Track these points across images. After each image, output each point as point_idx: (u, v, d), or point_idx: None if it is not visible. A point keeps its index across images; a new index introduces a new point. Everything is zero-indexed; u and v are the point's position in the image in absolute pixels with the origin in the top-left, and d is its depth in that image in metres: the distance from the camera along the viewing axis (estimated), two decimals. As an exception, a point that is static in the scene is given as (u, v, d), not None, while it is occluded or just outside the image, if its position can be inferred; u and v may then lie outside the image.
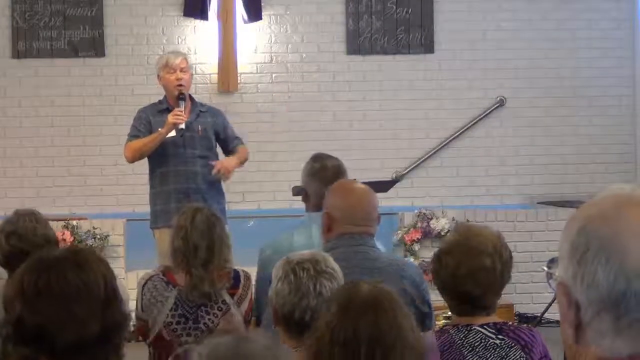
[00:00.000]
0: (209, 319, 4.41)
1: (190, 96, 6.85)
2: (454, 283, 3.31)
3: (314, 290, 3.12)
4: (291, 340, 3.11)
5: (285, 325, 3.16)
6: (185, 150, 6.67)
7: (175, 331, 4.39)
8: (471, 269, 3.28)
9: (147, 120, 6.73)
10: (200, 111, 6.81)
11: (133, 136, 6.74)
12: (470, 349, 3.27)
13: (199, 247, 4.40)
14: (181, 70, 6.68)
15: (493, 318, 3.36)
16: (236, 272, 4.54)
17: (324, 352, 2.55)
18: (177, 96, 6.64)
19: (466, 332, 3.30)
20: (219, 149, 6.93)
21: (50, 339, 2.14)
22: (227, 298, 4.46)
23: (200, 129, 6.72)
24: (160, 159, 6.68)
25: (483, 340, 3.28)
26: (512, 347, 3.28)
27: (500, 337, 3.29)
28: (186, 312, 4.41)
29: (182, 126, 6.57)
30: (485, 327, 3.30)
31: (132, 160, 6.82)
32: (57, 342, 2.13)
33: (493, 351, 3.26)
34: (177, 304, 4.40)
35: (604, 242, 1.48)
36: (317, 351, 2.59)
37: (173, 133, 6.61)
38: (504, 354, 3.27)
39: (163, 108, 6.73)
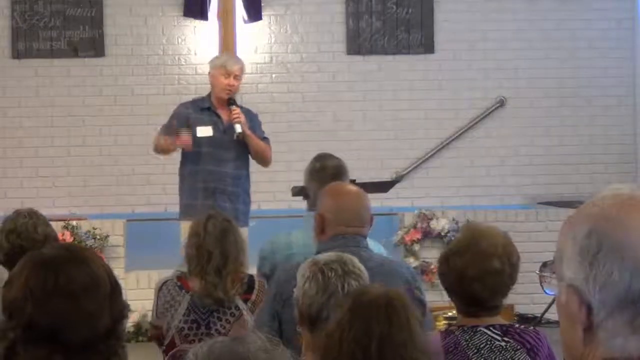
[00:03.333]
0: (221, 325, 4.40)
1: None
2: (462, 285, 3.29)
3: (342, 290, 3.10)
4: (315, 341, 3.08)
5: (311, 325, 3.13)
6: (220, 151, 6.80)
7: (187, 337, 4.38)
8: (480, 271, 3.26)
9: (185, 116, 6.87)
10: None
11: (162, 130, 6.93)
12: (475, 350, 3.25)
13: (212, 254, 4.40)
14: (235, 77, 6.89)
15: (498, 319, 3.35)
16: (250, 278, 4.52)
17: (335, 348, 2.55)
18: (228, 101, 6.83)
19: (472, 333, 3.28)
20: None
21: (65, 337, 2.13)
22: (240, 304, 4.44)
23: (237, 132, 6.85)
24: (194, 156, 6.82)
25: (489, 342, 3.26)
26: (517, 349, 3.25)
27: (506, 339, 3.27)
28: (198, 317, 4.40)
29: (239, 130, 6.73)
30: (491, 328, 3.29)
31: (154, 151, 7.10)
32: (71, 339, 2.13)
33: (498, 353, 3.25)
34: (190, 309, 4.40)
35: (616, 242, 1.48)
36: (328, 347, 2.58)
37: (209, 132, 6.75)
38: (509, 356, 3.25)
39: (205, 106, 6.91)
